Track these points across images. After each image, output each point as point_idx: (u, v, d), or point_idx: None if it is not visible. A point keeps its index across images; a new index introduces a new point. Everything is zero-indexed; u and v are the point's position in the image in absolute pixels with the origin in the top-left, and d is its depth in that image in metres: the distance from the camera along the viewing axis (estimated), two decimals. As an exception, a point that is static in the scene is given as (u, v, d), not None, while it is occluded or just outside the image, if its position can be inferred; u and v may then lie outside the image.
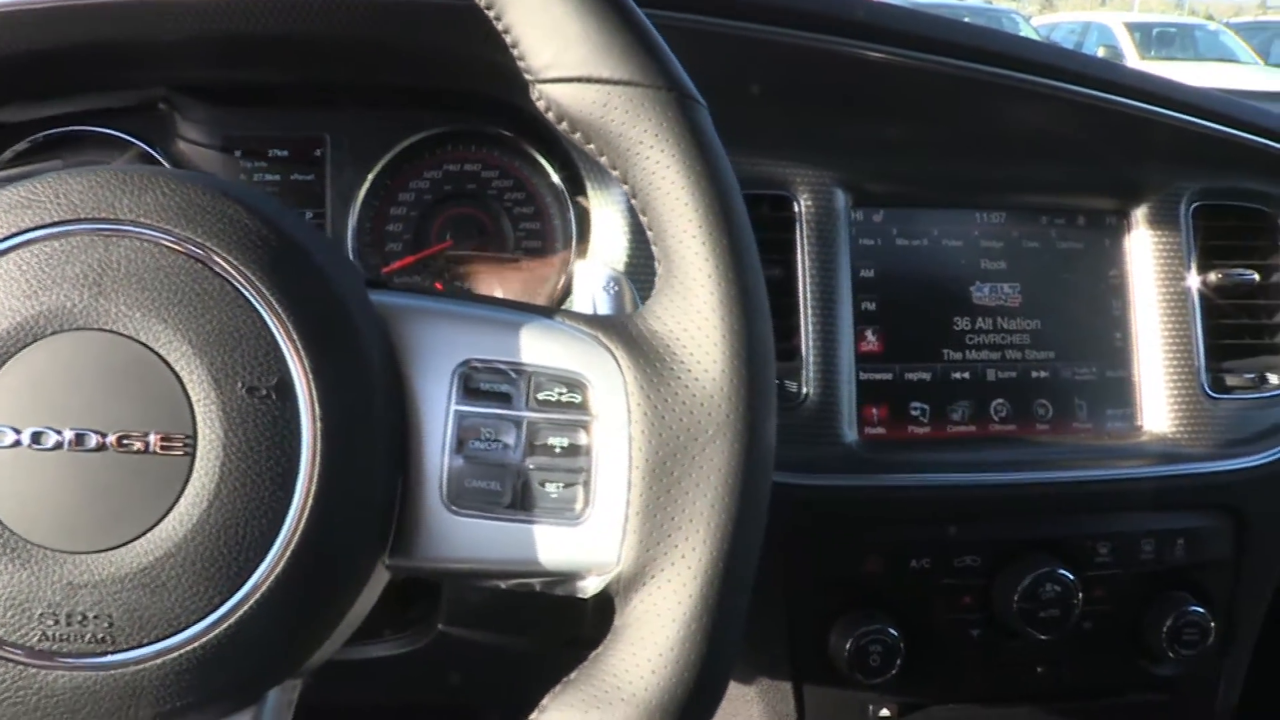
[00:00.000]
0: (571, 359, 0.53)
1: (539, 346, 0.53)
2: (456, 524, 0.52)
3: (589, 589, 0.53)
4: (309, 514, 0.48)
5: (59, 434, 0.48)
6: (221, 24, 0.80)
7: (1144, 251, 1.00)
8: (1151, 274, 0.99)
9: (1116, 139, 0.99)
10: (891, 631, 0.91)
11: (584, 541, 0.52)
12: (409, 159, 0.94)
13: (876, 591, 0.93)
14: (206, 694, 0.48)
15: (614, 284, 0.60)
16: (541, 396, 0.53)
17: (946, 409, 0.96)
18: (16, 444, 0.48)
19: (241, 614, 0.48)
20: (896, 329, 0.95)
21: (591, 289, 0.61)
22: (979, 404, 0.97)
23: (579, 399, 0.53)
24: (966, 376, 0.97)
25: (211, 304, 0.49)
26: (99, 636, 0.47)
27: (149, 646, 0.47)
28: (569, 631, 0.84)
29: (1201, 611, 0.95)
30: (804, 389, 0.91)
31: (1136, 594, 0.97)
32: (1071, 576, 0.92)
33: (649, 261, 0.54)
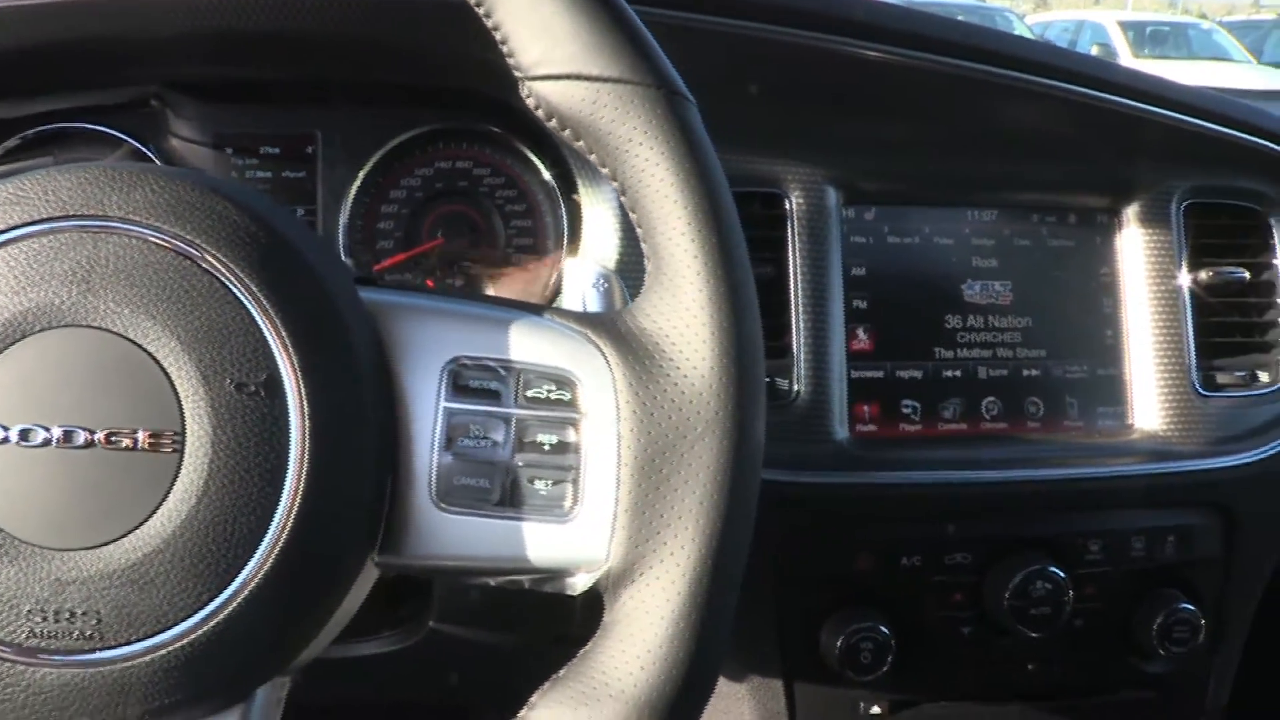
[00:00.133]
0: (560, 356, 0.53)
1: (528, 344, 0.53)
2: (445, 521, 0.52)
3: (578, 586, 0.53)
4: (298, 511, 0.48)
5: (47, 431, 0.48)
6: (213, 21, 0.80)
7: (1135, 249, 1.00)
8: (1143, 272, 0.99)
9: (1108, 137, 0.99)
10: (882, 629, 0.91)
11: (573, 539, 0.52)
12: (400, 156, 0.94)
13: (867, 589, 0.93)
14: (195, 691, 0.48)
15: (603, 281, 0.60)
16: (530, 394, 0.53)
17: (938, 407, 0.96)
18: (5, 441, 0.48)
19: (230, 611, 0.48)
20: (888, 327, 0.95)
21: (581, 286, 0.60)
22: (970, 402, 0.97)
23: (568, 396, 0.53)
24: (958, 374, 0.97)
25: (200, 301, 0.49)
26: (87, 633, 0.47)
27: (137, 644, 0.47)
28: (561, 628, 0.84)
29: (1192, 609, 0.96)
30: (795, 387, 0.91)
31: (1127, 591, 0.97)
32: (1062, 574, 0.92)
33: (640, 259, 0.54)
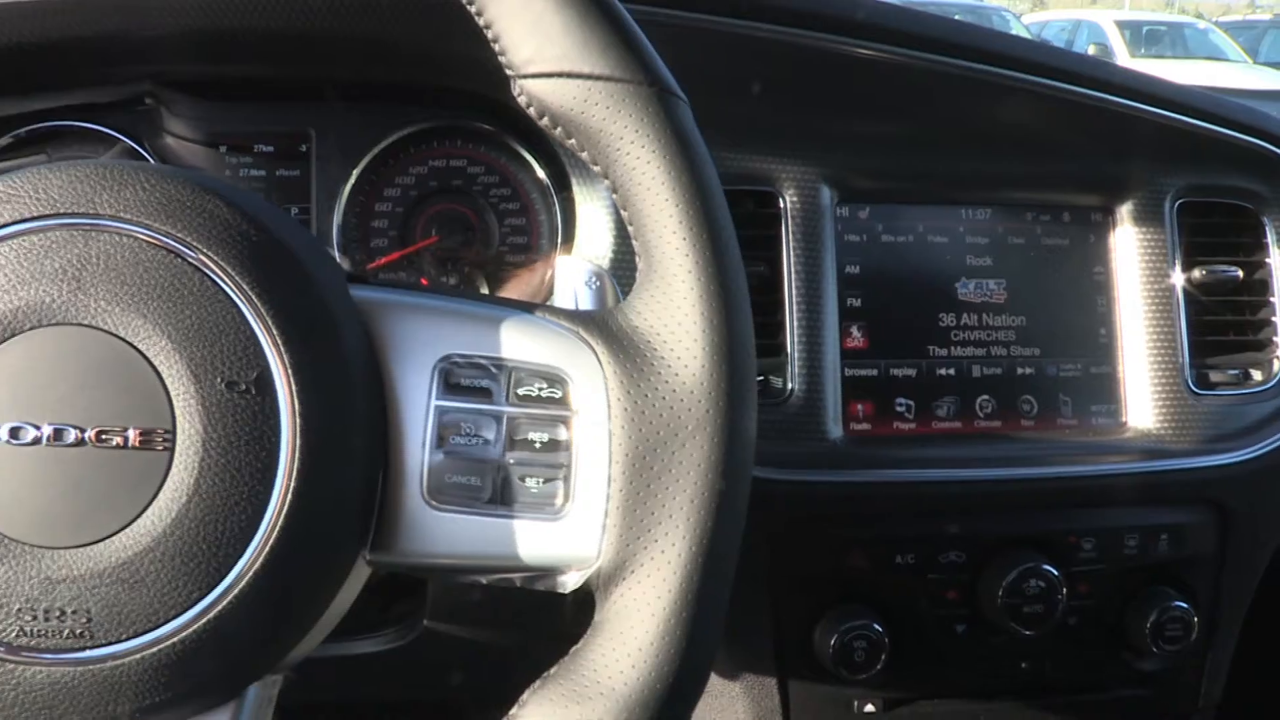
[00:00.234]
0: (552, 354, 0.53)
1: (519, 342, 0.53)
2: (437, 519, 0.52)
3: (569, 584, 0.53)
4: (288, 509, 0.48)
5: (38, 429, 0.48)
6: (206, 19, 0.80)
7: (1129, 248, 1.00)
8: (1136, 270, 1.00)
9: (1102, 136, 0.99)
10: (876, 627, 0.91)
11: (564, 536, 0.52)
12: (394, 154, 0.94)
13: (861, 587, 0.93)
14: (186, 689, 0.48)
15: (595, 279, 0.60)
16: (522, 391, 0.53)
17: (932, 405, 0.96)
18: None
19: (221, 609, 0.48)
20: (882, 325, 0.95)
21: (573, 284, 0.60)
22: (964, 400, 0.97)
23: (559, 394, 0.53)
24: (951, 373, 0.97)
25: (191, 299, 0.49)
26: (77, 632, 0.47)
27: (128, 642, 0.47)
28: (556, 626, 0.84)
29: (1185, 607, 0.96)
30: (789, 385, 0.91)
31: (1120, 589, 0.97)
32: (1056, 572, 0.92)
33: (634, 257, 0.54)
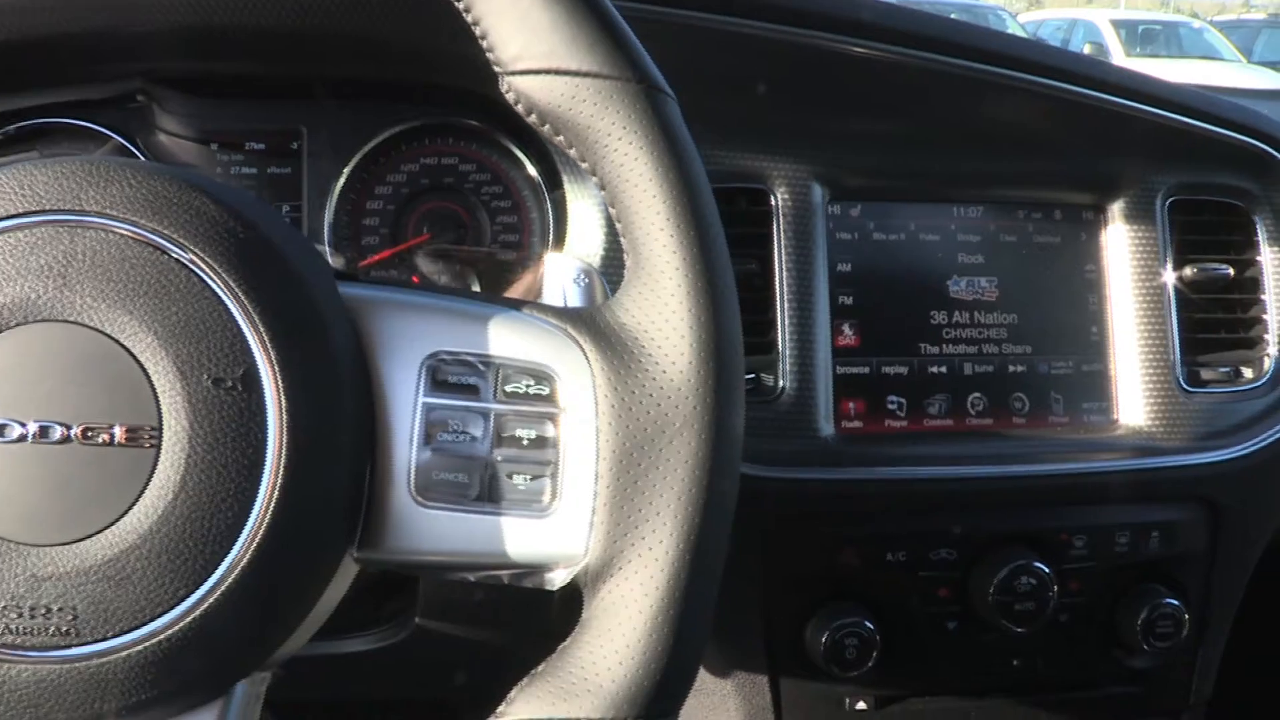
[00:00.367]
0: (539, 351, 0.53)
1: (507, 339, 0.53)
2: (424, 516, 0.52)
3: (557, 581, 0.53)
4: (275, 506, 0.48)
5: (23, 426, 0.47)
6: (196, 16, 0.80)
7: (1120, 246, 1.00)
8: (1127, 268, 1.00)
9: (1094, 134, 1.00)
10: (867, 624, 0.91)
11: (552, 533, 0.52)
12: (386, 152, 0.94)
13: (853, 585, 0.93)
14: (173, 687, 0.48)
15: (584, 277, 0.60)
16: (509, 389, 0.53)
17: (923, 403, 0.96)
18: None
19: (208, 606, 0.48)
20: (873, 323, 0.95)
21: (562, 281, 0.60)
22: (956, 398, 0.97)
23: (547, 391, 0.53)
24: (943, 370, 0.97)
25: (177, 295, 0.49)
26: (63, 629, 0.47)
27: (114, 639, 0.47)
28: (547, 624, 0.84)
29: (1176, 604, 0.96)
30: (781, 383, 0.91)
31: (1111, 587, 0.97)
32: (1047, 569, 0.92)
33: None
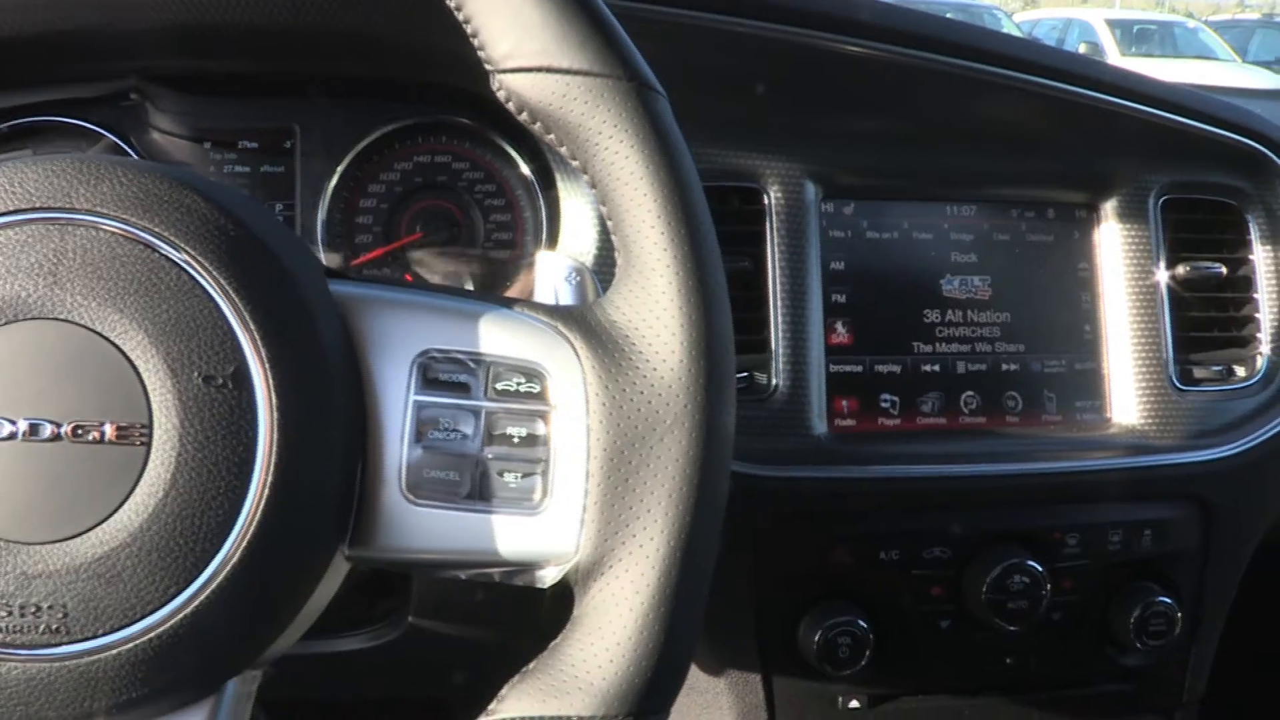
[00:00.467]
0: (530, 349, 0.53)
1: (498, 336, 0.53)
2: (415, 514, 0.52)
3: (548, 579, 0.53)
4: (265, 504, 0.48)
5: (13, 424, 0.47)
6: (189, 14, 0.80)
7: (1113, 245, 1.00)
8: (1120, 267, 1.00)
9: (1087, 132, 1.00)
10: (860, 623, 0.91)
11: (542, 531, 0.52)
12: (379, 151, 0.94)
13: (846, 583, 0.93)
14: (163, 685, 0.48)
15: (575, 275, 0.60)
16: (500, 386, 0.53)
17: (916, 401, 0.96)
18: None
19: (198, 604, 0.48)
20: (866, 321, 0.95)
21: (553, 280, 0.60)
22: (949, 396, 0.97)
23: (537, 389, 0.53)
24: (936, 369, 0.97)
25: (167, 293, 0.48)
26: (53, 627, 0.47)
27: (104, 637, 0.47)
28: (538, 622, 0.84)
29: (1168, 602, 0.96)
30: (774, 381, 0.91)
31: (1104, 585, 0.97)
32: (1040, 568, 0.92)
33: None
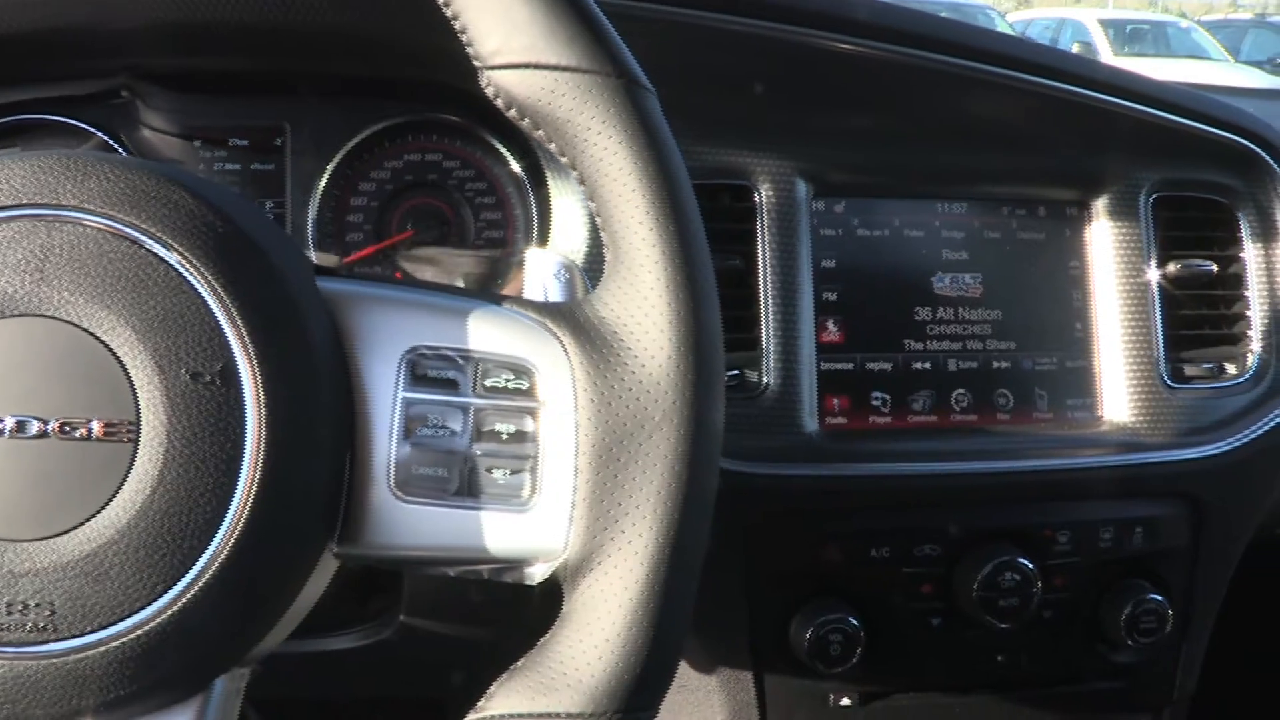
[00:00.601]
0: (519, 345, 0.53)
1: (486, 333, 0.53)
2: (404, 511, 0.52)
3: (536, 576, 0.53)
4: (254, 501, 0.48)
5: (0, 421, 0.47)
6: (179, 12, 0.79)
7: (1104, 242, 1.00)
8: (1111, 265, 1.00)
9: (1078, 130, 1.00)
10: (851, 621, 0.91)
11: (531, 528, 0.52)
12: (370, 149, 0.94)
13: (837, 581, 0.93)
14: (151, 682, 0.48)
15: (564, 272, 0.60)
16: (489, 383, 0.53)
17: (907, 399, 0.96)
18: None
19: (186, 601, 0.47)
20: (858, 319, 0.95)
21: (542, 276, 0.60)
22: (940, 394, 0.97)
23: (526, 385, 0.53)
24: (927, 366, 0.97)
25: (155, 289, 0.48)
26: (40, 625, 0.47)
27: (92, 635, 0.47)
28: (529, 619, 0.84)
29: (1159, 599, 0.96)
30: (765, 379, 0.91)
31: (1095, 582, 0.97)
32: (1031, 565, 0.92)
33: None
